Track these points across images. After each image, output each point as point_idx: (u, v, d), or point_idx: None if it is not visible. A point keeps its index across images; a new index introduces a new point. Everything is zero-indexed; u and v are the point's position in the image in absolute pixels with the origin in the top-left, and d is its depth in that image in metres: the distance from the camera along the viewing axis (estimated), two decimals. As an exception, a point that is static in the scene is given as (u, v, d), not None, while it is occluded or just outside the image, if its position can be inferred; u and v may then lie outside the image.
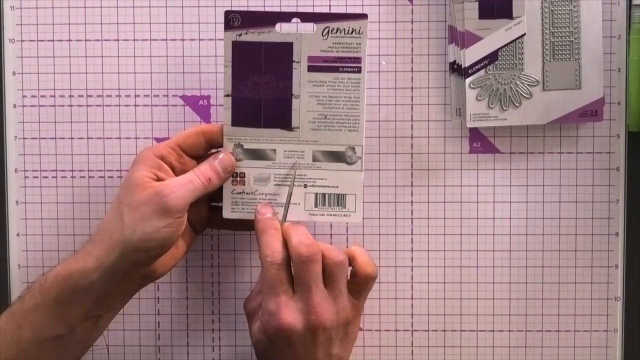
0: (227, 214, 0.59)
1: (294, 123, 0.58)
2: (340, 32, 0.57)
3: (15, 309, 0.56)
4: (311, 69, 0.57)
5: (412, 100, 0.64)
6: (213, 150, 0.59)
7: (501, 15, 0.61)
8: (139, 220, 0.54)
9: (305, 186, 0.58)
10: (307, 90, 0.58)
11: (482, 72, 0.61)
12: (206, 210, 0.61)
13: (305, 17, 0.58)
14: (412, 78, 0.64)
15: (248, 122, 0.58)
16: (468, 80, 0.61)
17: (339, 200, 0.58)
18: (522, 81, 0.61)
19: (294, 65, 0.57)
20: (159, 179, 0.56)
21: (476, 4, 0.60)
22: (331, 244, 0.64)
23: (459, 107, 0.63)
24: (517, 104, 0.62)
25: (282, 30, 0.58)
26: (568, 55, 0.61)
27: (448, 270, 0.65)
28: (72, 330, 0.56)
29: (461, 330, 0.65)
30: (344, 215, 0.58)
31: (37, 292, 0.55)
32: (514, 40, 0.61)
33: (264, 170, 0.58)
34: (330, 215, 0.58)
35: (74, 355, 0.58)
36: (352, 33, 0.57)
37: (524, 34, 0.61)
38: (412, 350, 0.65)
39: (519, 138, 0.64)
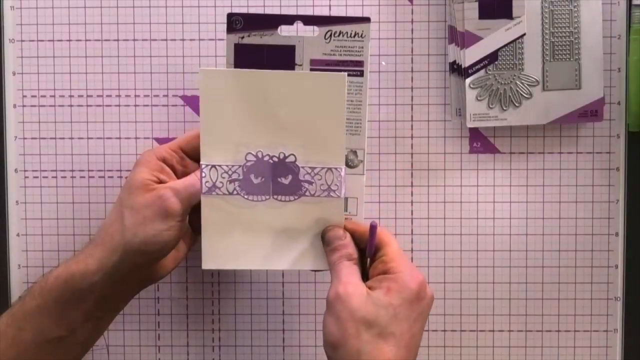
0: None
1: None
2: (343, 36, 0.57)
3: (16, 310, 0.56)
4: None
5: (412, 100, 0.64)
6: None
7: (501, 15, 0.61)
8: (141, 223, 0.54)
9: None
10: None
11: (482, 72, 0.61)
12: None
13: (308, 20, 0.58)
14: (412, 78, 0.64)
15: None
16: (468, 80, 0.61)
17: None
18: (522, 81, 0.61)
19: (297, 68, 0.57)
20: (160, 182, 0.56)
21: (476, 4, 0.60)
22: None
23: (459, 107, 0.62)
24: (517, 104, 0.62)
25: (285, 33, 0.57)
26: (568, 55, 0.61)
27: (448, 270, 0.65)
28: (73, 331, 0.56)
29: (461, 331, 0.65)
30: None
31: (38, 294, 0.55)
32: (514, 40, 0.61)
33: None
34: None
35: (74, 357, 0.58)
36: (354, 36, 0.56)
37: (524, 34, 0.61)
38: (412, 350, 0.65)
39: (519, 138, 0.64)
